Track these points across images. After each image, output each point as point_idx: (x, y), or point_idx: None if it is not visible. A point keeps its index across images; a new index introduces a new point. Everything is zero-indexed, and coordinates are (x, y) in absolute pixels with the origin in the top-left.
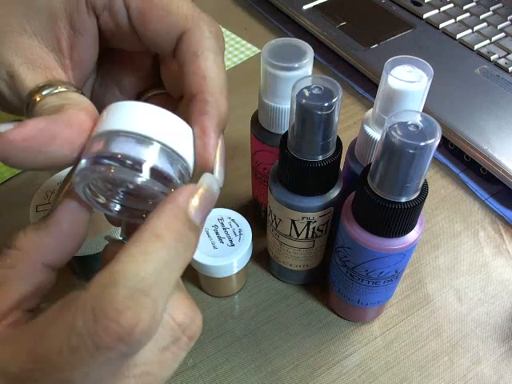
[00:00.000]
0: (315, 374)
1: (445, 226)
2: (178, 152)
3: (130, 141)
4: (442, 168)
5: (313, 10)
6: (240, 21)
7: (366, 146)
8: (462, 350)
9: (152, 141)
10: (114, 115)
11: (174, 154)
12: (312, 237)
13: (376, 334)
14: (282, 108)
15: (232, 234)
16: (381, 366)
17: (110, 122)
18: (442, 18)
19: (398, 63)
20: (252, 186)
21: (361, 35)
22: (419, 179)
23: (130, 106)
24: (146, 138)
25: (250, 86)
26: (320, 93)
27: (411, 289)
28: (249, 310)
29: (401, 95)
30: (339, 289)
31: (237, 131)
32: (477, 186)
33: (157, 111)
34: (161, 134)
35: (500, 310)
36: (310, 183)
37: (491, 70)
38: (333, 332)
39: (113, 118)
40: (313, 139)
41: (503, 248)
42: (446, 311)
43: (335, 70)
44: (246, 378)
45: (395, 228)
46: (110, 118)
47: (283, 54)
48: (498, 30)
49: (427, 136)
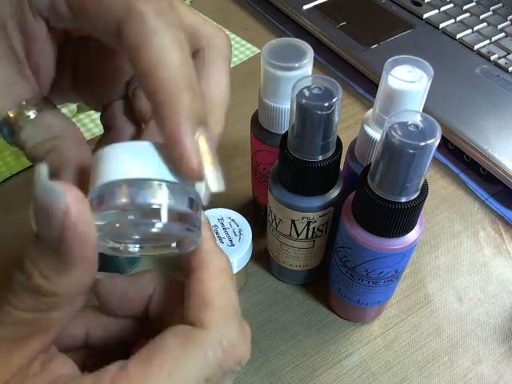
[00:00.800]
0: (315, 374)
1: (445, 225)
2: (180, 182)
3: (136, 188)
4: (441, 168)
5: (313, 9)
6: (240, 21)
7: (366, 146)
8: (462, 350)
9: (155, 181)
10: (104, 165)
11: (177, 187)
12: (312, 237)
13: (376, 334)
14: (282, 108)
15: (232, 233)
16: (381, 365)
17: (106, 172)
18: (442, 18)
19: (398, 63)
20: (252, 186)
21: (361, 35)
22: (419, 179)
23: (115, 152)
24: (149, 181)
25: (250, 85)
26: (320, 93)
27: (411, 289)
28: (249, 310)
29: (401, 95)
30: (339, 289)
31: (237, 131)
32: (477, 186)
33: (141, 147)
34: (160, 171)
35: (500, 310)
36: (310, 183)
37: (491, 69)
38: (333, 332)
39: (105, 167)
40: (313, 139)
41: (503, 248)
42: (445, 311)
43: (335, 70)
44: (246, 378)
45: (395, 228)
46: (103, 169)
47: (283, 54)
48: (498, 30)
49: (427, 136)
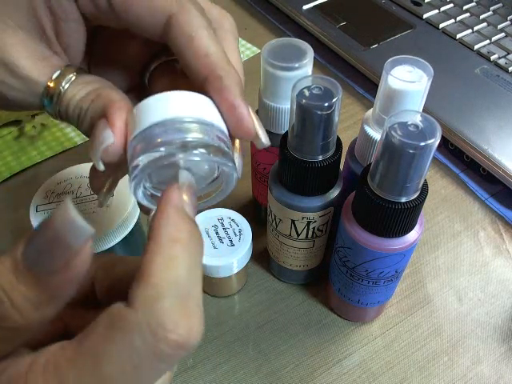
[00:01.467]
0: (315, 374)
1: (445, 225)
2: (214, 123)
3: (176, 127)
4: (441, 168)
5: (313, 9)
6: (240, 21)
7: (366, 146)
8: (462, 350)
9: (189, 120)
10: (146, 111)
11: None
12: (312, 237)
13: (376, 334)
14: (282, 108)
15: (232, 233)
16: (381, 365)
17: (144, 119)
18: (442, 18)
19: (398, 63)
20: (252, 186)
21: (361, 35)
22: (419, 179)
23: (156, 100)
24: (188, 121)
25: (250, 85)
26: (320, 93)
27: (411, 289)
28: (249, 310)
29: (401, 95)
30: (339, 289)
31: None
32: (477, 186)
33: (178, 95)
34: (197, 112)
35: (500, 310)
36: (310, 183)
37: (491, 69)
38: (333, 332)
39: (147, 113)
40: (313, 139)
41: (503, 248)
42: (446, 311)
43: (335, 70)
44: (246, 378)
45: (395, 228)
46: (146, 114)
47: (283, 54)
48: (498, 29)
49: (427, 136)
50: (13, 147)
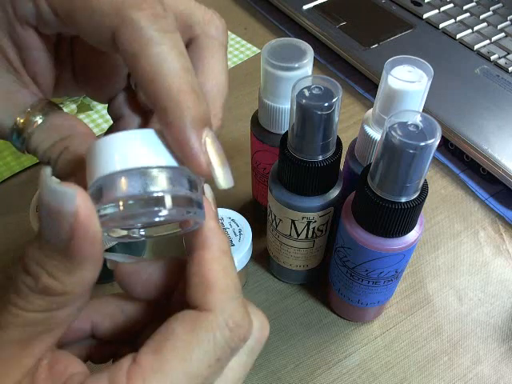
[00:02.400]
0: (315, 374)
1: (445, 225)
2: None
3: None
4: (442, 168)
5: (313, 9)
6: (240, 21)
7: (366, 146)
8: (462, 350)
9: (154, 169)
10: (100, 157)
11: (176, 170)
12: (312, 237)
13: (376, 334)
14: (282, 108)
15: (232, 234)
16: (381, 365)
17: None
18: (442, 18)
19: (398, 63)
20: (252, 186)
21: (361, 35)
22: (419, 179)
23: (109, 142)
24: (147, 169)
25: (250, 85)
26: (320, 93)
27: (411, 289)
28: None
29: (401, 95)
30: (339, 289)
31: (236, 131)
32: (477, 186)
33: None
34: (156, 156)
35: (500, 310)
36: (310, 183)
37: (491, 69)
38: (333, 332)
39: (101, 160)
40: (313, 139)
41: (503, 248)
42: (446, 311)
43: (335, 70)
44: (246, 378)
45: (395, 228)
46: (100, 161)
47: (283, 54)
48: (497, 29)
49: (427, 136)
50: (13, 147)
